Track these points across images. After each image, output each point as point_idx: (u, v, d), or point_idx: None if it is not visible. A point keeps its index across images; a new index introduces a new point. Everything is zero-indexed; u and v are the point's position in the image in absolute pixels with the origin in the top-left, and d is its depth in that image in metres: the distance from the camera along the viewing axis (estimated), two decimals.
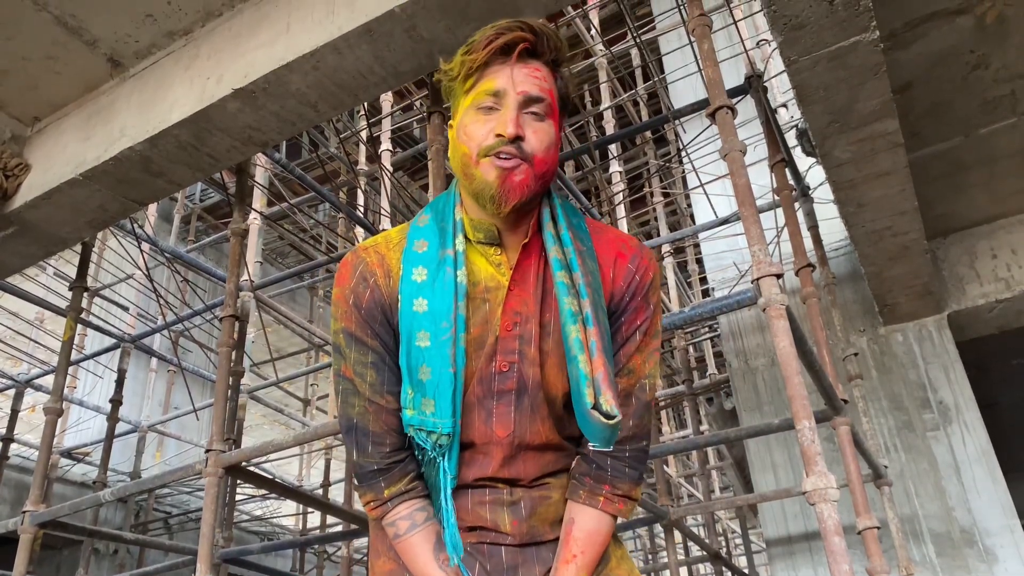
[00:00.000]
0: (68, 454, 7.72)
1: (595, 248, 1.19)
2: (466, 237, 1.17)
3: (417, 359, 1.11)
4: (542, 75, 1.12)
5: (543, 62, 1.14)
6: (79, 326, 4.47)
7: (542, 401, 1.15)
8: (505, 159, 1.08)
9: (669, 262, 7.00)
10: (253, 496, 8.91)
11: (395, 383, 1.16)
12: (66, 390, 5.88)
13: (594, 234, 1.22)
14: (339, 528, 7.75)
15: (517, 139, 1.08)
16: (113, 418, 5.82)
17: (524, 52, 1.12)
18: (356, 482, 1.20)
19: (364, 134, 6.92)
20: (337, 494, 9.74)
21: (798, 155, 4.04)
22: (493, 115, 1.10)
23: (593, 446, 1.15)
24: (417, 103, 8.08)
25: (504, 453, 1.15)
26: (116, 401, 5.80)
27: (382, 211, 5.51)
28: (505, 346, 1.14)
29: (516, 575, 1.14)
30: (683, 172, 7.85)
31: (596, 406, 1.04)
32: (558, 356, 1.14)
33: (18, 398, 6.62)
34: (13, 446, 6.58)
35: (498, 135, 1.08)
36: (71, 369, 6.99)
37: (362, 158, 6.98)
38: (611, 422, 1.03)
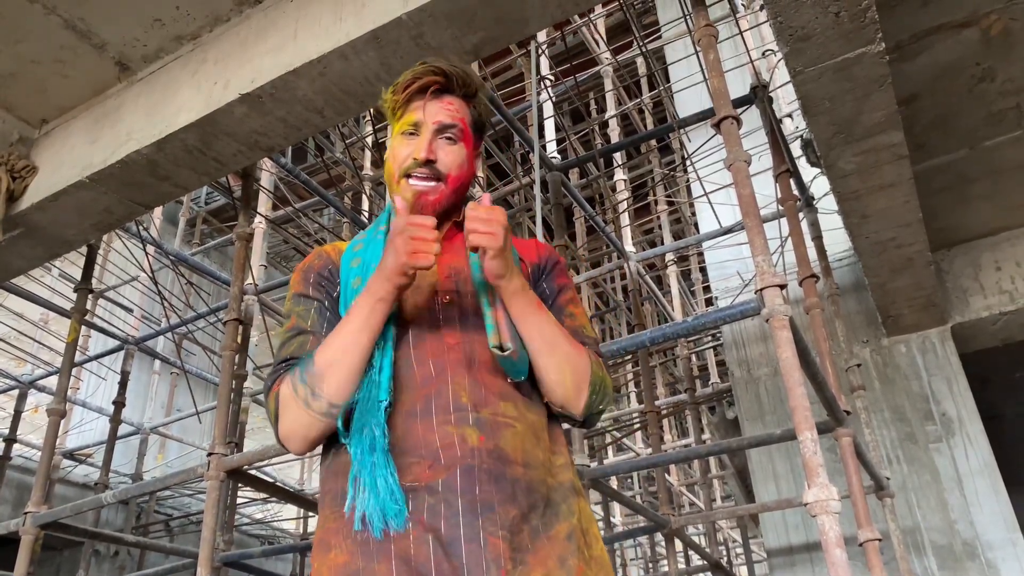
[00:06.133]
0: (70, 455, 7.73)
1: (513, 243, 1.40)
2: None
3: (352, 297, 1.27)
4: (455, 107, 1.36)
5: (455, 96, 1.36)
6: (83, 328, 4.48)
7: (482, 328, 1.26)
8: (420, 179, 1.32)
9: (673, 271, 7.00)
10: (254, 500, 8.90)
11: (332, 329, 1.27)
12: (69, 391, 5.89)
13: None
14: None
15: (428, 162, 1.31)
16: (115, 420, 5.84)
17: (437, 90, 1.35)
18: (268, 380, 1.27)
19: (369, 139, 6.94)
20: None
21: (803, 165, 4.04)
22: (413, 140, 1.34)
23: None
24: None
25: (456, 358, 1.23)
26: (119, 403, 5.82)
27: None
28: (444, 287, 1.32)
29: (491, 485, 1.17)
30: (688, 181, 7.86)
31: (498, 346, 1.22)
32: None
33: (21, 399, 6.64)
34: (16, 447, 6.60)
35: (414, 158, 1.31)
36: (74, 370, 7.00)
37: (367, 163, 7.00)
38: (504, 353, 1.21)
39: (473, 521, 1.11)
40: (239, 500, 7.85)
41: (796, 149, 4.11)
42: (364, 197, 6.72)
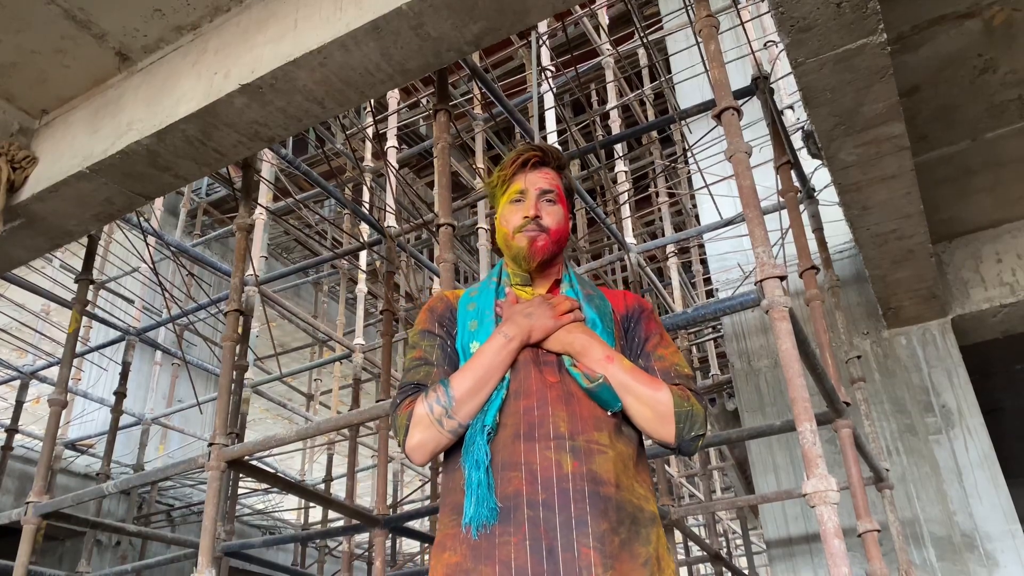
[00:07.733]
0: (72, 446, 7.74)
1: (604, 294, 1.68)
2: (510, 284, 1.66)
3: (469, 338, 1.55)
4: (551, 176, 1.67)
5: (550, 168, 1.68)
6: (84, 318, 4.49)
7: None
8: (531, 231, 1.61)
9: (673, 262, 7.00)
10: (255, 490, 8.93)
11: (451, 364, 1.55)
12: (71, 382, 5.90)
13: (602, 289, 1.73)
14: (340, 523, 7.76)
15: (536, 217, 1.61)
16: (117, 410, 5.85)
17: (536, 163, 1.66)
18: (397, 398, 1.51)
19: (370, 131, 6.93)
20: (339, 489, 9.76)
21: (804, 157, 4.03)
22: (520, 205, 1.64)
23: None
24: (423, 100, 8.09)
25: (557, 394, 1.44)
26: (120, 393, 5.82)
27: (387, 208, 5.51)
28: None
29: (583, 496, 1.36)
30: (688, 172, 7.85)
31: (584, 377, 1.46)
32: None
33: (23, 389, 6.65)
34: (17, 437, 6.61)
35: (525, 216, 1.62)
36: (76, 361, 7.02)
37: (368, 155, 6.99)
38: (591, 384, 1.44)
39: (568, 534, 1.31)
40: (240, 490, 7.87)
41: (797, 140, 4.11)
42: (365, 188, 6.71)
